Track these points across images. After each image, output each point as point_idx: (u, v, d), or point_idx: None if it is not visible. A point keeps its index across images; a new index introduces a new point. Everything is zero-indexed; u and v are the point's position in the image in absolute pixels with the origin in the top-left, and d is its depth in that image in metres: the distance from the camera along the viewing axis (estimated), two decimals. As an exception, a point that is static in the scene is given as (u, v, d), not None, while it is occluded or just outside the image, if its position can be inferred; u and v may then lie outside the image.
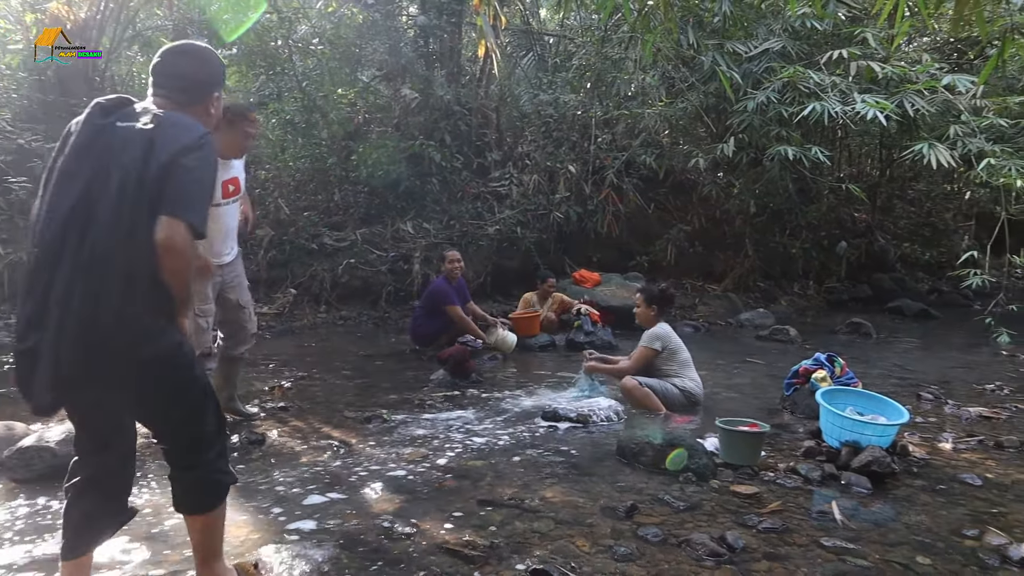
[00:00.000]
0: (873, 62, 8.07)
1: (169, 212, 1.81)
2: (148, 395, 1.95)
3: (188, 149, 1.87)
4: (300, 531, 2.62)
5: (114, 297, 1.78)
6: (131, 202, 1.81)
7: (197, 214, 1.87)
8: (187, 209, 1.84)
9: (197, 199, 1.90)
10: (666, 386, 4.58)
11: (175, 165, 1.84)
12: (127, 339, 1.81)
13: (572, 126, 10.74)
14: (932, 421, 4.40)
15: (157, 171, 1.82)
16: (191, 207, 1.86)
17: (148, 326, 1.86)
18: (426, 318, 6.59)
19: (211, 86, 2.17)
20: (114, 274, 1.78)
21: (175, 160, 1.84)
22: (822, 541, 2.59)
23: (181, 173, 1.85)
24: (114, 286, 1.78)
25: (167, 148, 1.85)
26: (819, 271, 12.46)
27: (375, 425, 4.13)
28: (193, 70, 2.14)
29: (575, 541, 2.56)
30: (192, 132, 1.92)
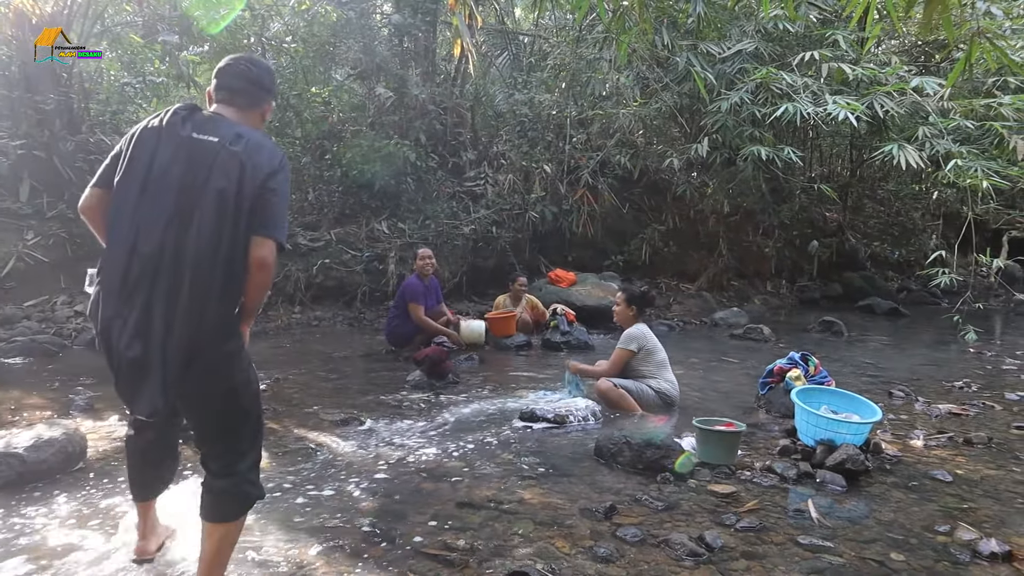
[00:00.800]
0: (844, 64, 8.19)
1: (262, 233, 2.00)
2: (210, 396, 2.07)
3: (274, 173, 2.05)
4: (276, 535, 2.58)
5: (213, 311, 1.95)
6: (230, 223, 1.95)
7: (283, 232, 2.07)
8: (275, 228, 2.04)
9: (282, 218, 2.08)
10: (641, 387, 4.60)
11: (265, 189, 2.01)
12: (219, 344, 2.00)
13: (547, 126, 10.75)
14: (903, 418, 4.48)
15: (251, 194, 1.98)
16: (278, 226, 2.05)
17: (229, 332, 2.04)
18: (401, 318, 6.57)
19: (269, 93, 2.31)
20: (214, 289, 1.94)
21: (265, 184, 2.01)
22: (799, 539, 2.62)
23: (269, 196, 2.02)
24: (214, 301, 1.95)
25: (258, 173, 2.00)
26: (791, 270, 12.64)
27: (351, 427, 4.09)
28: (259, 78, 2.25)
29: (555, 542, 2.56)
30: (275, 156, 2.08)
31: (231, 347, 2.05)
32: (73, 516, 2.76)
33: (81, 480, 3.15)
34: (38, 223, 8.43)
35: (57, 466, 3.18)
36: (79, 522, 2.70)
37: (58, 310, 7.58)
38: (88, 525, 2.67)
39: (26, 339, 6.35)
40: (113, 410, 4.32)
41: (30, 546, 2.48)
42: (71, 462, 3.27)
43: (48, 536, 2.57)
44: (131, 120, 10.57)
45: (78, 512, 2.80)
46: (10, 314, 7.18)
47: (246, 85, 2.21)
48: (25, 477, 3.06)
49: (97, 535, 2.58)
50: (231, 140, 2.00)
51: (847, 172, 14.46)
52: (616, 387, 4.53)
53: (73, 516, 2.76)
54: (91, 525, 2.68)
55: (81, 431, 3.45)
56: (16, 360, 5.97)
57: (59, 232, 8.39)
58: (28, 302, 7.67)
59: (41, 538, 2.55)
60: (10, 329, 6.83)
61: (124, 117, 10.46)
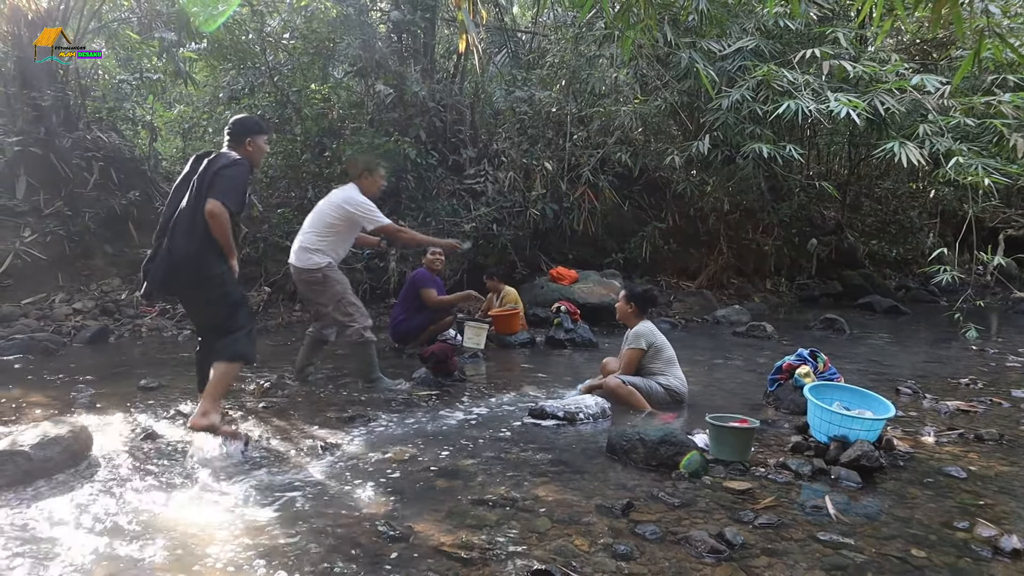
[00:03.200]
0: (844, 61, 8.18)
1: (211, 196, 3.50)
2: (196, 298, 3.74)
3: (225, 166, 3.59)
4: (291, 535, 2.55)
5: (185, 245, 3.49)
6: (195, 195, 3.53)
7: (227, 196, 3.52)
8: (221, 193, 3.51)
9: (228, 188, 3.54)
10: (650, 384, 4.58)
11: (217, 175, 3.56)
12: (190, 265, 3.51)
13: (547, 123, 10.72)
14: (912, 415, 4.47)
15: (209, 179, 3.55)
16: (223, 193, 3.52)
17: (200, 259, 3.52)
18: (408, 313, 6.52)
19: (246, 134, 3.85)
20: (186, 232, 3.50)
21: (218, 172, 3.57)
22: (818, 536, 2.59)
23: (219, 177, 3.55)
24: (186, 239, 3.50)
25: (212, 167, 3.59)
26: (791, 268, 12.64)
27: (359, 424, 4.06)
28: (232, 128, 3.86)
29: (573, 540, 2.53)
30: (229, 157, 3.65)
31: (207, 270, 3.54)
32: (79, 513, 2.71)
33: (87, 477, 3.11)
34: (35, 220, 8.36)
35: (63, 463, 3.13)
36: (85, 519, 2.65)
37: (56, 308, 7.51)
38: (94, 522, 2.63)
39: (25, 337, 6.29)
40: (116, 408, 4.28)
41: (37, 544, 2.43)
42: (77, 459, 3.22)
43: (55, 533, 2.52)
44: (128, 117, 10.50)
45: (84, 509, 2.75)
46: (7, 312, 7.12)
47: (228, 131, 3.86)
48: (31, 475, 3.02)
49: (103, 532, 2.54)
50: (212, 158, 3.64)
51: (845, 170, 14.48)
52: (624, 384, 4.51)
53: (79, 513, 2.71)
54: (97, 522, 2.63)
55: (87, 429, 3.40)
56: (15, 358, 5.90)
57: (56, 229, 8.32)
58: (26, 300, 7.61)
59: (48, 536, 2.50)
60: (8, 327, 6.77)
61: (120, 114, 10.38)
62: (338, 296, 4.92)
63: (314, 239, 4.91)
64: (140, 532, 2.56)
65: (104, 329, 6.99)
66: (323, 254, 4.89)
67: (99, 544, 2.45)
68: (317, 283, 4.90)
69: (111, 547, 2.43)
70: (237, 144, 3.80)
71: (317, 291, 4.94)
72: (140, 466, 3.28)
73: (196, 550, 2.41)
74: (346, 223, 5.01)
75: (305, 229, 5.02)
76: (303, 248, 4.91)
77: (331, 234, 4.97)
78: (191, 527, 2.60)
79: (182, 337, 7.23)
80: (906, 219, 15.18)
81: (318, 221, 4.99)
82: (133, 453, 3.46)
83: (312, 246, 4.89)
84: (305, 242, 4.92)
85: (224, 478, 3.14)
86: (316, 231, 4.94)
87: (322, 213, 5.01)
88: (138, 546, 2.44)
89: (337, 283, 4.94)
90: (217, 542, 2.47)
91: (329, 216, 4.98)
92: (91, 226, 8.70)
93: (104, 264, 8.72)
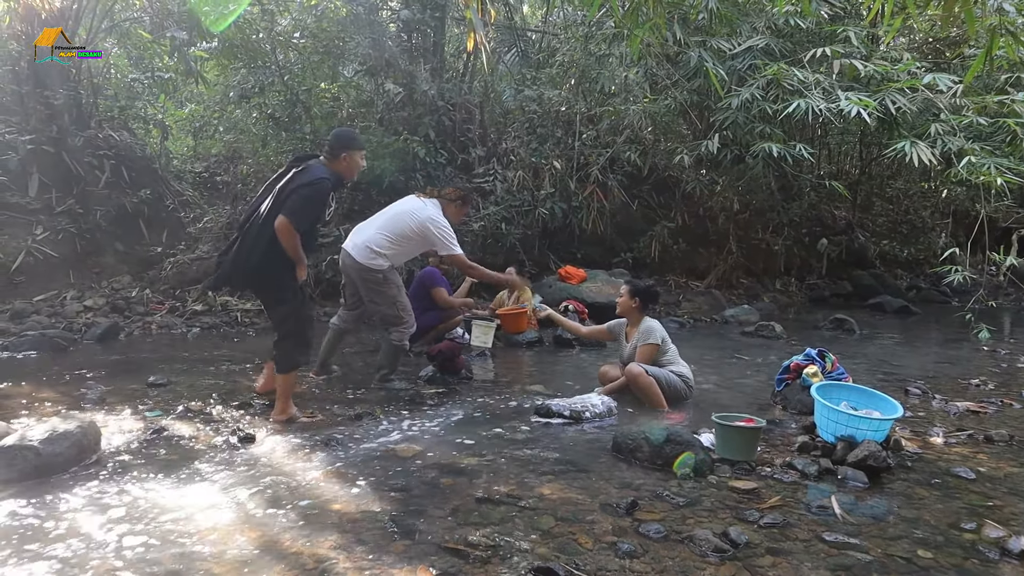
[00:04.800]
0: (855, 60, 8.13)
1: (283, 212, 3.81)
2: (261, 294, 4.39)
3: (304, 184, 3.87)
4: (295, 531, 2.56)
5: (252, 248, 3.84)
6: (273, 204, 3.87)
7: (296, 216, 3.81)
8: (291, 212, 3.80)
9: (299, 208, 3.83)
10: (668, 374, 4.58)
11: (295, 192, 3.85)
12: (252, 267, 3.87)
13: (556, 122, 10.70)
14: (921, 415, 4.44)
15: (287, 194, 3.86)
16: (293, 212, 3.81)
17: (263, 263, 3.85)
18: (416, 311, 6.50)
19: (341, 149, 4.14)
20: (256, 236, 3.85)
21: (296, 189, 3.86)
22: (823, 536, 2.59)
23: (295, 195, 3.85)
24: (254, 242, 3.84)
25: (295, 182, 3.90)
26: (800, 268, 12.57)
27: (366, 422, 4.07)
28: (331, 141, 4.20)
29: (577, 538, 2.53)
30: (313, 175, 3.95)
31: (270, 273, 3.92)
32: (88, 508, 2.73)
33: (96, 473, 3.13)
34: (47, 218, 8.43)
35: (72, 459, 3.15)
36: (94, 514, 2.67)
37: (68, 305, 7.57)
38: (103, 517, 2.65)
39: (36, 334, 6.32)
40: (124, 404, 4.31)
41: (45, 538, 2.46)
42: (86, 454, 3.25)
43: (62, 528, 2.54)
44: (139, 116, 10.56)
45: (93, 504, 2.77)
46: (20, 309, 7.18)
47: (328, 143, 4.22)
48: (40, 470, 3.04)
49: (112, 527, 2.56)
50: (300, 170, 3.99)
51: (856, 170, 14.38)
52: (647, 373, 4.49)
53: (88, 508, 2.73)
54: (106, 517, 2.65)
55: (96, 424, 3.43)
56: (28, 355, 5.95)
57: (68, 227, 8.39)
58: (37, 297, 7.68)
59: (56, 531, 2.53)
60: (20, 324, 6.82)
61: (132, 112, 10.45)
62: (393, 299, 4.97)
63: (385, 243, 4.88)
64: (147, 527, 2.57)
65: (114, 326, 7.03)
66: (387, 259, 4.89)
67: (107, 538, 2.47)
68: (376, 283, 4.91)
69: (120, 542, 2.45)
70: (333, 156, 4.09)
71: (373, 289, 4.95)
72: (148, 462, 3.30)
73: (200, 545, 2.43)
74: (421, 239, 5.01)
75: (374, 228, 4.97)
76: (369, 247, 4.85)
77: (403, 244, 4.97)
78: (196, 521, 2.61)
79: (191, 335, 7.27)
80: (918, 219, 15.08)
81: (393, 227, 4.94)
82: (141, 448, 3.49)
83: (380, 249, 4.86)
84: (373, 242, 4.86)
85: (226, 472, 3.16)
86: (389, 236, 4.91)
87: (401, 221, 4.97)
88: (144, 541, 2.45)
89: (395, 286, 4.98)
90: (218, 537, 2.49)
91: (408, 228, 4.94)
92: (102, 224, 8.77)
93: (115, 262, 8.78)
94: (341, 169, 4.12)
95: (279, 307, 4.04)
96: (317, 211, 4.04)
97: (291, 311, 4.02)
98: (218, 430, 3.82)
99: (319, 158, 4.14)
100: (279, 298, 4.01)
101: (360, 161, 4.21)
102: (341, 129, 4.37)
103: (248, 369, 5.53)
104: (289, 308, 4.01)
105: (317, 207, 3.99)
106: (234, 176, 10.99)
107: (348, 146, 4.11)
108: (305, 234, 3.95)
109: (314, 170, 3.95)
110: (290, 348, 4.01)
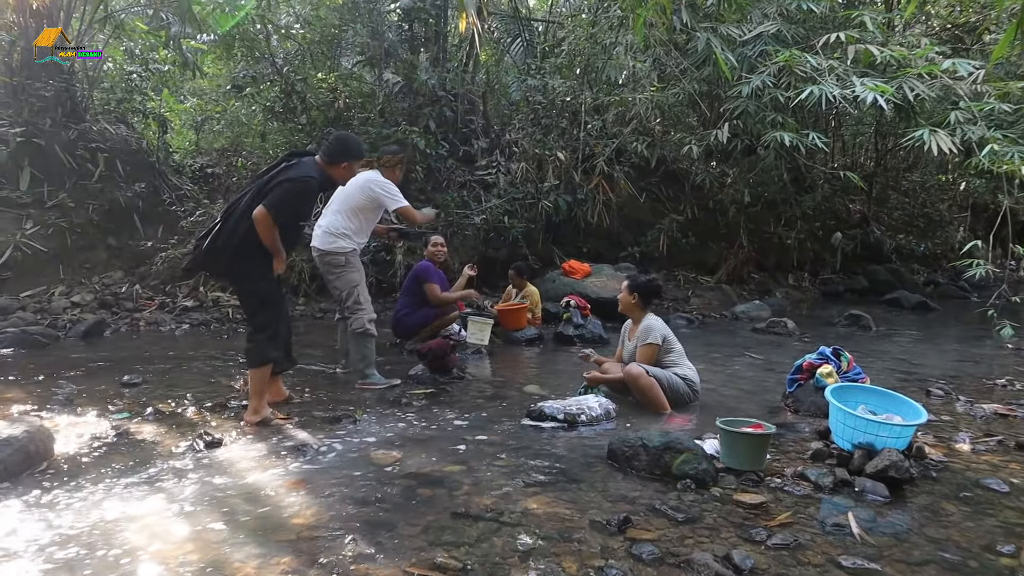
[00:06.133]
0: (871, 46, 7.77)
1: (264, 202, 3.65)
2: (236, 283, 4.12)
3: (291, 180, 3.74)
4: (245, 552, 2.28)
5: (231, 234, 3.70)
6: (256, 192, 3.74)
7: (276, 208, 3.65)
8: (271, 204, 3.65)
9: (280, 202, 3.67)
10: (671, 376, 4.28)
11: (280, 184, 3.72)
12: (229, 253, 3.72)
13: (561, 112, 10.41)
14: (945, 419, 4.11)
15: (272, 185, 3.73)
16: (274, 205, 3.65)
17: (239, 250, 3.70)
18: (411, 307, 6.24)
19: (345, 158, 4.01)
20: (236, 223, 3.71)
21: (281, 183, 3.72)
22: (839, 560, 2.28)
23: (279, 188, 3.71)
24: (233, 229, 3.70)
25: (282, 175, 3.78)
26: (814, 262, 12.23)
27: (344, 425, 3.80)
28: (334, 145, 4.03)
29: (560, 561, 2.24)
30: (302, 171, 3.81)
31: (243, 265, 3.77)
32: (18, 522, 2.47)
33: (40, 481, 2.87)
34: (37, 212, 8.21)
35: (17, 466, 2.90)
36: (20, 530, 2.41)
37: (55, 301, 7.36)
38: (30, 534, 2.38)
39: (17, 330, 6.11)
40: (94, 405, 4.07)
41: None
42: (34, 462, 2.99)
43: (-9, 548, 2.28)
44: (138, 110, 10.33)
45: (25, 518, 2.51)
46: (5, 305, 6.97)
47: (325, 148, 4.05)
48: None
49: (38, 545, 2.29)
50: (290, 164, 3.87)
51: (871, 162, 14.00)
52: (648, 374, 4.20)
53: (18, 522, 2.47)
54: (34, 534, 2.38)
55: (47, 428, 3.17)
56: (4, 352, 5.72)
57: (59, 221, 8.17)
58: (25, 293, 7.47)
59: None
60: (3, 320, 6.61)
61: (130, 106, 10.23)
62: (353, 283, 4.96)
63: (341, 221, 4.93)
64: (79, 544, 2.30)
65: (100, 323, 6.81)
66: (349, 239, 4.93)
67: (27, 558, 2.21)
68: (339, 266, 4.93)
69: (42, 562, 2.18)
70: (332, 161, 3.96)
71: (336, 274, 4.97)
72: (101, 469, 3.04)
73: (134, 565, 2.16)
74: (372, 204, 5.04)
75: (330, 214, 5.02)
76: (328, 232, 4.91)
77: (358, 216, 4.99)
78: (135, 538, 2.35)
79: (180, 332, 7.03)
80: (935, 212, 14.67)
81: (344, 205, 5.00)
82: (97, 454, 3.23)
83: (338, 230, 4.91)
84: (330, 226, 4.92)
85: (184, 481, 2.89)
86: (343, 214, 4.96)
87: (349, 197, 5.00)
88: (70, 558, 2.19)
89: (356, 271, 5.00)
90: (156, 556, 2.22)
91: (356, 199, 4.98)
92: (94, 218, 8.55)
93: (107, 257, 8.56)
94: (337, 175, 4.03)
95: (252, 298, 3.87)
96: (299, 207, 3.87)
97: (264, 302, 3.87)
98: (184, 434, 3.56)
99: (314, 157, 4.01)
100: (253, 289, 3.84)
101: (357, 170, 4.19)
102: (347, 136, 4.20)
103: (231, 368, 5.27)
104: (262, 299, 3.86)
105: (299, 203, 3.84)
106: (228, 169, 10.73)
107: (353, 156, 4.02)
108: (285, 228, 3.78)
109: (304, 167, 3.83)
110: (262, 341, 3.85)
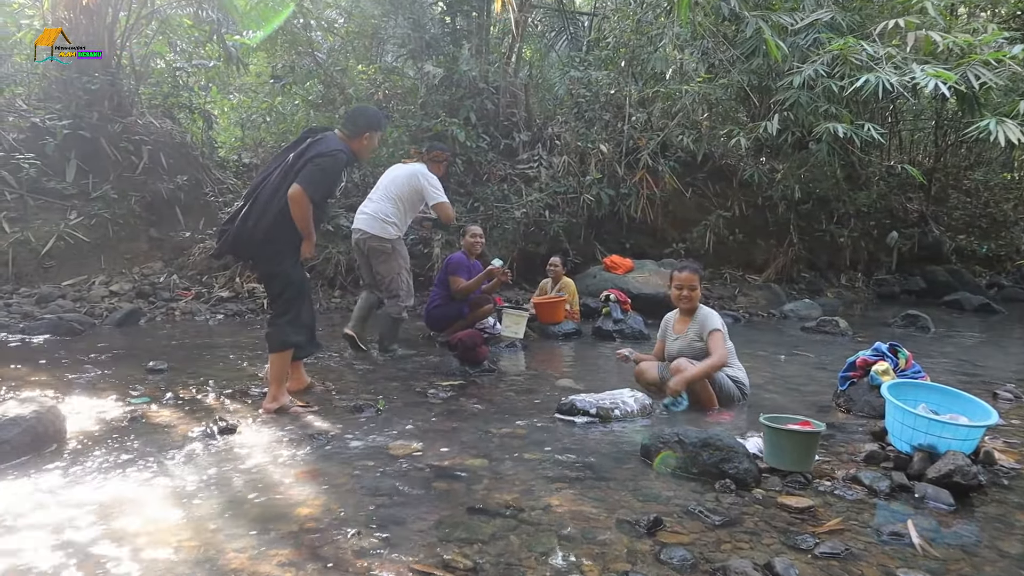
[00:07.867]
0: (933, 32, 7.34)
1: (298, 180, 3.56)
2: (261, 266, 3.91)
3: (321, 155, 3.64)
4: (244, 542, 2.13)
5: (260, 215, 3.57)
6: (285, 172, 3.63)
7: (312, 185, 3.57)
8: (307, 181, 3.56)
9: (316, 179, 3.59)
10: (723, 378, 3.99)
11: (311, 161, 3.62)
12: (259, 235, 3.58)
13: (605, 105, 10.16)
14: (1015, 423, 3.77)
15: (303, 163, 3.62)
16: (310, 182, 3.57)
17: (270, 232, 3.59)
18: (444, 299, 6.08)
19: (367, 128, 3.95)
20: (265, 204, 3.59)
21: (313, 159, 3.62)
22: (898, 573, 2.01)
23: (312, 165, 3.61)
24: (263, 210, 3.58)
25: (311, 151, 3.67)
26: (868, 262, 11.74)
27: (366, 415, 3.65)
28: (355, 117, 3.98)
29: (580, 564, 2.03)
30: (330, 145, 3.71)
31: (269, 247, 3.65)
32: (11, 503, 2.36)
33: (44, 463, 2.77)
34: (82, 203, 8.33)
35: (23, 447, 2.81)
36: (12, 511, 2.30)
37: (94, 290, 7.42)
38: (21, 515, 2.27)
39: (54, 317, 6.15)
40: (114, 390, 4.00)
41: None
42: (42, 442, 2.90)
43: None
44: (184, 105, 10.43)
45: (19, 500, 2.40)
46: (46, 293, 7.04)
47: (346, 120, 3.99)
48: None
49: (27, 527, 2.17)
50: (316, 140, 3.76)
51: (930, 159, 13.41)
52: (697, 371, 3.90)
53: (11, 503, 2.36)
54: (25, 515, 2.27)
55: (58, 409, 3.08)
56: (41, 338, 5.74)
57: (102, 213, 8.26)
58: (66, 282, 7.55)
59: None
60: (43, 308, 6.66)
61: (176, 101, 10.34)
62: (398, 270, 5.25)
63: (390, 210, 5.21)
64: (71, 528, 2.18)
65: (135, 311, 6.82)
66: (396, 227, 5.21)
67: (12, 538, 2.08)
68: (385, 252, 5.20)
69: (30, 545, 2.06)
70: (355, 133, 3.88)
71: (381, 260, 5.22)
72: (109, 452, 2.93)
73: (123, 552, 2.02)
74: (416, 195, 5.30)
75: (378, 199, 5.28)
76: (377, 218, 5.18)
77: (403, 204, 5.26)
78: (131, 524, 2.21)
79: (214, 322, 7.01)
80: (999, 212, 13.97)
81: (393, 192, 5.22)
82: (108, 438, 3.13)
83: (388, 217, 5.18)
84: (381, 212, 5.19)
85: (191, 466, 2.77)
86: (391, 202, 5.23)
87: (397, 185, 5.27)
88: (57, 541, 2.06)
89: (402, 257, 5.30)
90: (149, 543, 2.08)
91: (405, 188, 5.26)
92: (136, 210, 8.64)
93: (148, 248, 8.64)
94: (359, 148, 3.95)
95: (277, 280, 3.77)
96: (332, 183, 3.83)
97: (289, 285, 3.77)
98: (200, 419, 3.45)
99: (334, 131, 3.92)
100: (278, 272, 3.74)
101: (376, 143, 4.13)
102: (366, 107, 4.28)
103: (258, 357, 5.18)
104: (287, 282, 3.76)
105: (333, 178, 3.81)
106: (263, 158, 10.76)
107: (373, 126, 3.97)
108: (316, 207, 3.70)
109: (330, 140, 3.76)
110: (283, 324, 3.76)
